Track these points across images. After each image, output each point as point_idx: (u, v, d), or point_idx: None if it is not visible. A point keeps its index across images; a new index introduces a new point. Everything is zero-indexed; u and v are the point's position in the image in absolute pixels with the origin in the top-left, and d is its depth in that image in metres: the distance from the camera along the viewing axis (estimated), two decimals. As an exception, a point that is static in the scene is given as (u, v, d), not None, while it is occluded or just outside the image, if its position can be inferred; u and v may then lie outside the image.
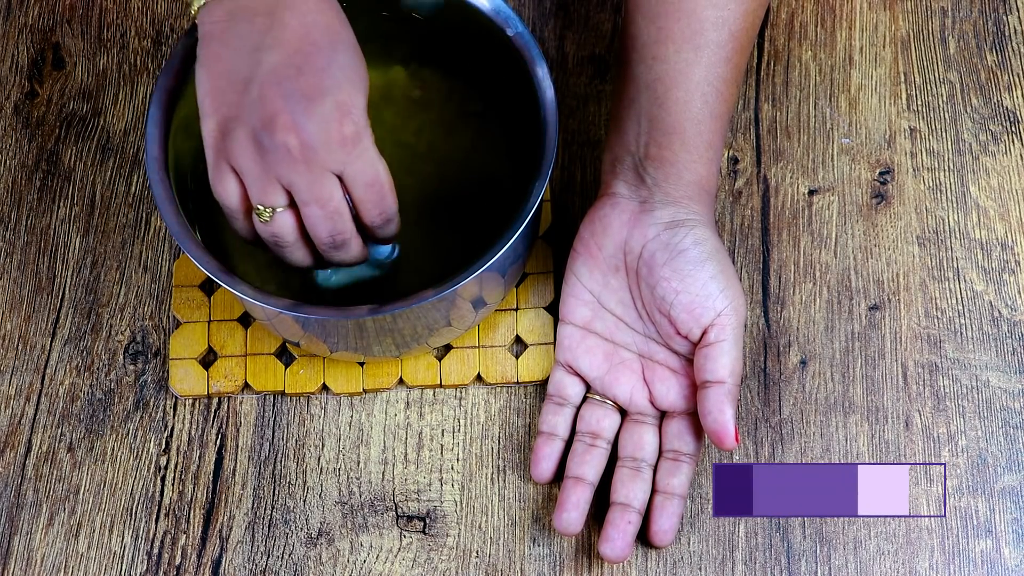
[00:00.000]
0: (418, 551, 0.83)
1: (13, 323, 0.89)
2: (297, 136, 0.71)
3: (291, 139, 0.71)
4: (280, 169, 0.72)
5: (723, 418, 0.78)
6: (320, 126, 0.71)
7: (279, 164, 0.72)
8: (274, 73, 0.71)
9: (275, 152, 0.71)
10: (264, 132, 0.71)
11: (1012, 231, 0.89)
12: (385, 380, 0.87)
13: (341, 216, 0.74)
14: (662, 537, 0.80)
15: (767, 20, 0.95)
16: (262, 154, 0.72)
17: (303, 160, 0.71)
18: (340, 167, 0.73)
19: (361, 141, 0.72)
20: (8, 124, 0.95)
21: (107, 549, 0.84)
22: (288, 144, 0.71)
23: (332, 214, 0.74)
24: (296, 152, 0.71)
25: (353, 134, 0.72)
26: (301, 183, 0.72)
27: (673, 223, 0.80)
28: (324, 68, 0.72)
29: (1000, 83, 0.93)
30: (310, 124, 0.71)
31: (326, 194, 0.73)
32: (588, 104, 0.94)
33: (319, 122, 0.71)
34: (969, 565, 0.82)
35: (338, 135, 0.71)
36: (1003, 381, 0.85)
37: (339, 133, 0.71)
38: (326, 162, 0.72)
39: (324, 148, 0.71)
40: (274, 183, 0.73)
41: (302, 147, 0.71)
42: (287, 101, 0.71)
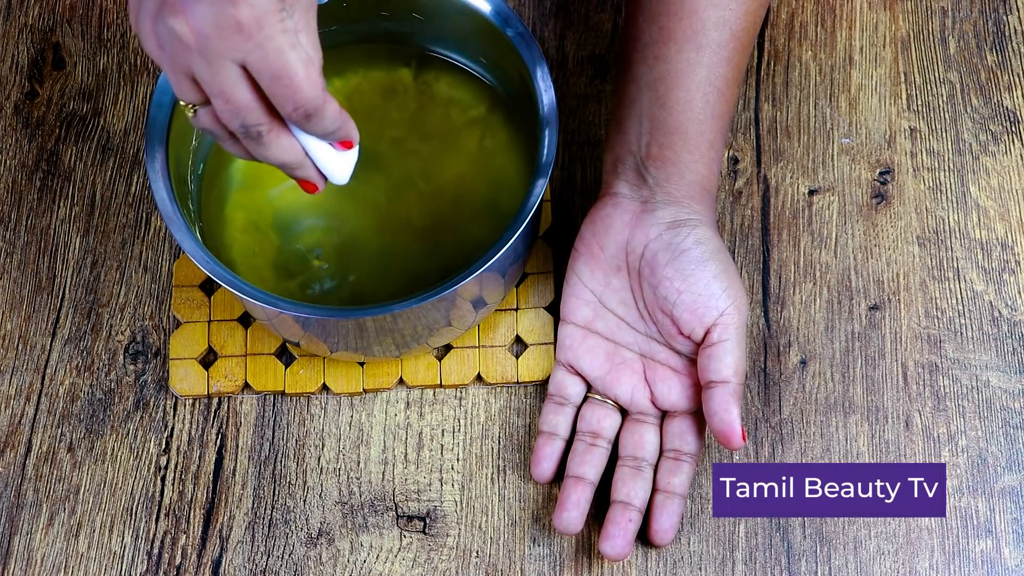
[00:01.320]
0: (418, 551, 0.83)
1: (13, 323, 0.89)
2: (187, 21, 0.63)
3: (180, 24, 0.64)
4: (180, 59, 0.65)
5: (729, 418, 0.78)
6: (210, 9, 0.63)
7: (177, 54, 0.65)
8: None
9: (171, 40, 0.64)
10: (159, 17, 0.64)
11: (1012, 231, 0.89)
12: (385, 380, 0.87)
13: (251, 109, 0.66)
14: (662, 536, 0.80)
15: (767, 20, 0.95)
16: (161, 44, 0.65)
17: (197, 49, 0.64)
18: (239, 56, 0.64)
19: (263, 27, 0.64)
20: (8, 124, 0.95)
21: (107, 549, 0.84)
22: (179, 31, 0.64)
23: (239, 109, 0.66)
24: (189, 40, 0.64)
25: (251, 18, 0.63)
26: (201, 74, 0.65)
27: (675, 223, 0.80)
28: None
29: (1000, 83, 0.93)
30: (199, 6, 0.63)
31: (228, 86, 0.65)
32: (588, 104, 0.94)
33: (210, 4, 0.63)
34: (969, 565, 0.82)
35: (232, 20, 0.63)
36: (1003, 381, 0.85)
37: (232, 17, 0.63)
38: (221, 51, 0.64)
39: (217, 35, 0.63)
40: (182, 76, 0.66)
41: (194, 34, 0.64)
42: None
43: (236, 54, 0.64)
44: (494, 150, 0.87)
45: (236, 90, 0.65)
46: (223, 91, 0.65)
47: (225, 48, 0.64)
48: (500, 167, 0.86)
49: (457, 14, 0.83)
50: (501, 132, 0.87)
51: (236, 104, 0.66)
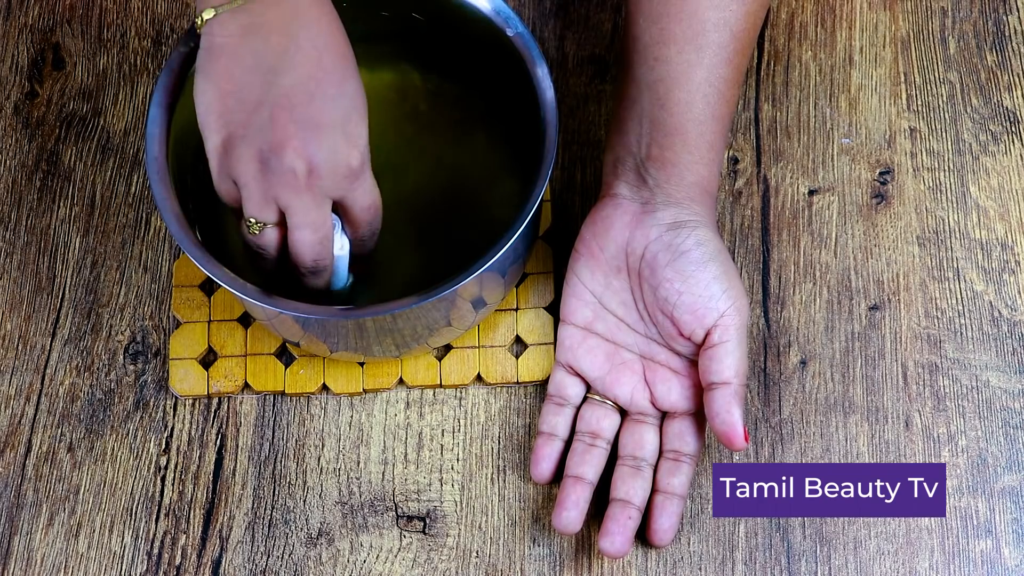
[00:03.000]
0: (418, 551, 0.83)
1: (13, 323, 0.89)
2: (307, 163, 0.72)
3: (300, 165, 0.72)
4: (280, 191, 0.73)
5: (731, 419, 0.78)
6: (329, 155, 0.72)
7: (281, 187, 0.73)
8: (287, 97, 0.71)
9: (281, 175, 0.72)
10: (272, 155, 0.72)
11: (1012, 231, 0.89)
12: (385, 380, 0.87)
13: (327, 243, 0.76)
14: (662, 536, 0.80)
15: (767, 20, 0.95)
16: (265, 174, 0.73)
17: (307, 187, 0.73)
18: (341, 195, 0.74)
19: (365, 169, 0.74)
20: (8, 124, 0.95)
21: (107, 549, 0.84)
22: (296, 169, 0.72)
23: (322, 240, 0.76)
24: (303, 178, 0.72)
25: (358, 164, 0.74)
26: (299, 208, 0.74)
27: (675, 224, 0.80)
28: (335, 96, 0.72)
29: (1000, 83, 0.93)
30: (320, 153, 0.72)
31: (320, 221, 0.75)
32: (588, 104, 0.94)
33: (328, 151, 0.72)
34: (969, 565, 0.82)
35: (345, 165, 0.73)
36: (1003, 381, 0.85)
37: (347, 163, 0.73)
38: (329, 190, 0.74)
39: (330, 177, 0.73)
40: (271, 202, 0.74)
41: (309, 174, 0.72)
42: (299, 127, 0.71)
43: (339, 193, 0.74)
44: (494, 150, 0.87)
45: (325, 224, 0.75)
46: (315, 224, 0.74)
47: (334, 189, 0.74)
48: (500, 168, 0.86)
49: (457, 14, 0.83)
50: (501, 132, 0.87)
51: (321, 236, 0.75)
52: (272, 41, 0.71)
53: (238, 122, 0.72)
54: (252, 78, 0.72)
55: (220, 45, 0.72)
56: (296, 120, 0.72)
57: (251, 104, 0.72)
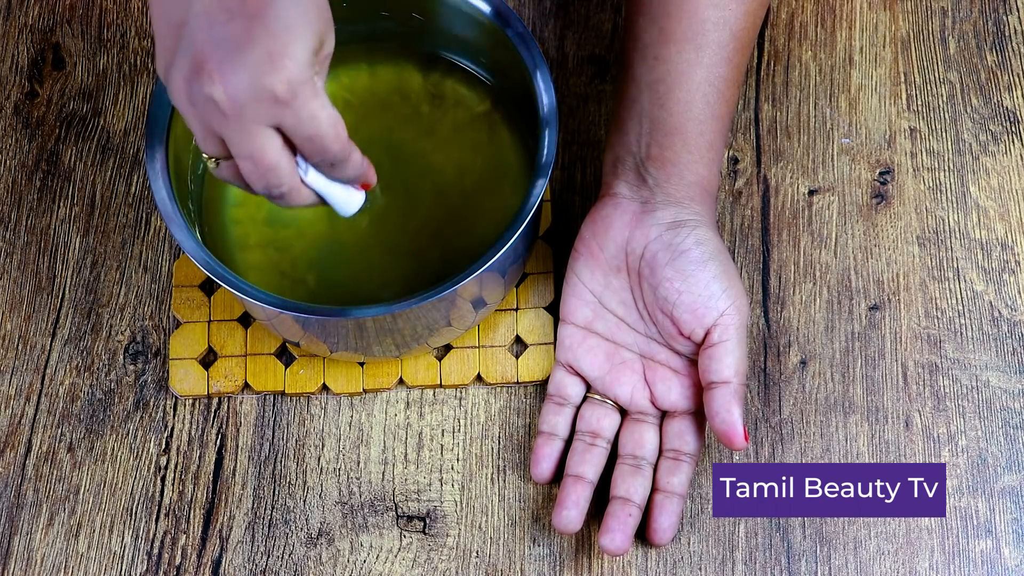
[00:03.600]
0: (418, 551, 0.83)
1: (13, 323, 0.89)
2: (223, 88, 0.64)
3: (216, 91, 0.64)
4: (210, 121, 0.66)
5: (731, 418, 0.78)
6: (247, 78, 0.64)
7: (208, 116, 0.66)
8: (205, 15, 0.64)
9: (203, 105, 0.65)
10: (193, 81, 0.65)
11: (1012, 231, 0.89)
12: (385, 380, 0.87)
13: (276, 171, 0.67)
14: (661, 536, 0.80)
15: (767, 20, 0.95)
16: (193, 103, 0.66)
17: (231, 114, 0.65)
18: (273, 121, 0.66)
19: (297, 95, 0.65)
20: (8, 124, 0.95)
21: (107, 549, 0.84)
22: (214, 96, 0.64)
23: (265, 170, 0.67)
24: (224, 105, 0.65)
25: (286, 88, 0.64)
26: (231, 137, 0.66)
27: (675, 223, 0.80)
28: (260, 10, 0.64)
29: (1000, 83, 0.93)
30: (235, 76, 0.64)
31: (256, 150, 0.66)
32: (588, 104, 0.94)
33: (247, 74, 0.64)
34: (969, 565, 0.82)
35: (267, 90, 0.64)
36: (1003, 381, 0.85)
37: (269, 88, 0.64)
38: (255, 117, 0.65)
39: (252, 103, 0.64)
40: (210, 134, 0.67)
41: (228, 101, 0.64)
42: (214, 48, 0.64)
43: (271, 120, 0.66)
44: (494, 150, 0.87)
45: (265, 153, 0.66)
46: (252, 154, 0.66)
47: (260, 115, 0.65)
48: (500, 167, 0.86)
49: (457, 14, 0.83)
50: (501, 132, 0.87)
51: (263, 166, 0.67)
52: None
53: (168, 48, 0.66)
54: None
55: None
56: (212, 40, 0.64)
57: (175, 27, 0.66)
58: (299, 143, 0.67)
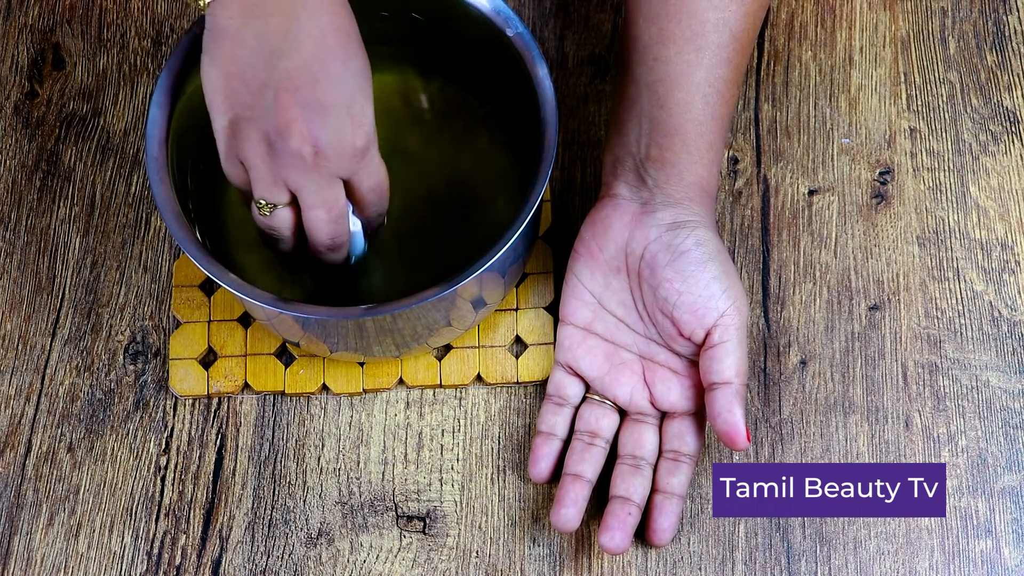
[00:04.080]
0: (418, 551, 0.83)
1: (13, 323, 0.89)
2: (312, 145, 0.72)
3: (306, 147, 0.72)
4: (290, 173, 0.74)
5: (733, 419, 0.78)
6: (334, 136, 0.72)
7: (290, 169, 0.73)
8: (290, 80, 0.71)
9: (288, 158, 0.73)
10: (278, 137, 0.72)
11: (1012, 231, 0.89)
12: (385, 380, 0.87)
13: (342, 221, 0.77)
14: (661, 536, 0.80)
15: (767, 20, 0.95)
16: (273, 157, 0.73)
17: (315, 167, 0.73)
18: (349, 174, 0.75)
19: (370, 148, 0.74)
20: (8, 124, 0.95)
21: (107, 549, 0.84)
22: (302, 152, 0.72)
23: (336, 218, 0.76)
24: (309, 160, 0.73)
25: (364, 144, 0.74)
26: (310, 188, 0.74)
27: (674, 224, 0.80)
28: (339, 77, 0.72)
29: (1000, 83, 0.93)
30: (325, 134, 0.72)
31: (332, 200, 0.75)
32: (588, 104, 0.94)
33: (333, 132, 0.72)
34: (969, 565, 0.82)
35: (351, 146, 0.73)
36: (1003, 381, 0.85)
37: (352, 144, 0.73)
38: (337, 170, 0.74)
39: (337, 157, 0.73)
40: (280, 184, 0.74)
41: (316, 155, 0.73)
42: (303, 109, 0.72)
43: (347, 173, 0.75)
44: (494, 150, 0.87)
45: (337, 203, 0.76)
46: (327, 203, 0.75)
47: (341, 168, 0.74)
48: (500, 168, 0.86)
49: (457, 14, 0.83)
50: (501, 132, 0.87)
51: (335, 214, 0.76)
52: (274, 22, 0.71)
53: (244, 104, 0.73)
54: (255, 60, 0.72)
55: (223, 27, 0.72)
56: (300, 102, 0.72)
57: (256, 87, 0.72)
58: (364, 194, 0.77)
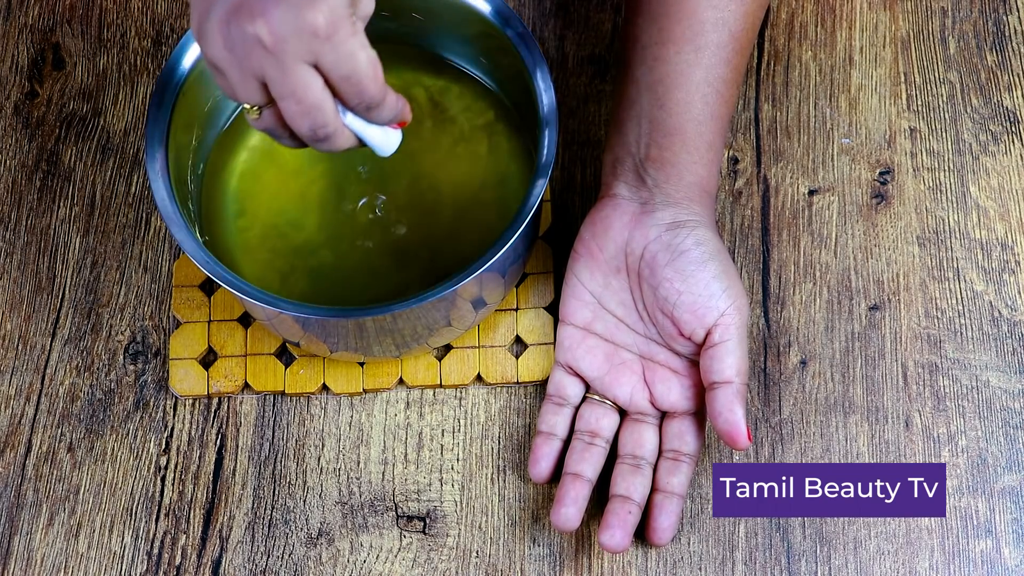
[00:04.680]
0: (418, 551, 0.83)
1: (13, 323, 0.89)
2: (265, 24, 0.65)
3: (259, 27, 0.65)
4: (252, 62, 0.67)
5: (734, 418, 0.78)
6: (289, 13, 0.65)
7: (249, 56, 0.66)
8: None
9: (244, 43, 0.66)
10: (232, 21, 0.66)
11: (1012, 231, 0.89)
12: (385, 380, 0.87)
13: (320, 109, 0.68)
14: (661, 536, 0.80)
15: (767, 20, 0.95)
16: (232, 47, 0.66)
17: (273, 51, 0.66)
18: (313, 58, 0.67)
19: (337, 31, 0.66)
20: (8, 124, 0.95)
21: (107, 549, 0.84)
22: (257, 33, 0.65)
23: (309, 108, 0.68)
24: (266, 42, 0.66)
25: (326, 23, 0.65)
26: (274, 75, 0.67)
27: (674, 224, 0.80)
28: None
29: (1000, 83, 0.93)
30: (277, 11, 0.65)
31: (300, 87, 0.67)
32: (588, 104, 0.94)
33: (288, 8, 0.65)
34: (969, 565, 0.82)
35: (309, 24, 0.65)
36: (1003, 381, 0.85)
37: (310, 22, 0.65)
38: (297, 53, 0.66)
39: (294, 38, 0.65)
40: (249, 78, 0.68)
41: (271, 36, 0.65)
42: None
43: (311, 56, 0.66)
44: (494, 150, 0.87)
45: (308, 90, 0.67)
46: (295, 92, 0.67)
47: (302, 51, 0.66)
48: (500, 167, 0.86)
49: (457, 14, 0.83)
50: (501, 132, 0.87)
51: (307, 104, 0.68)
52: None
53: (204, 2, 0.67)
54: None
55: None
56: None
57: None
58: (337, 82, 0.68)
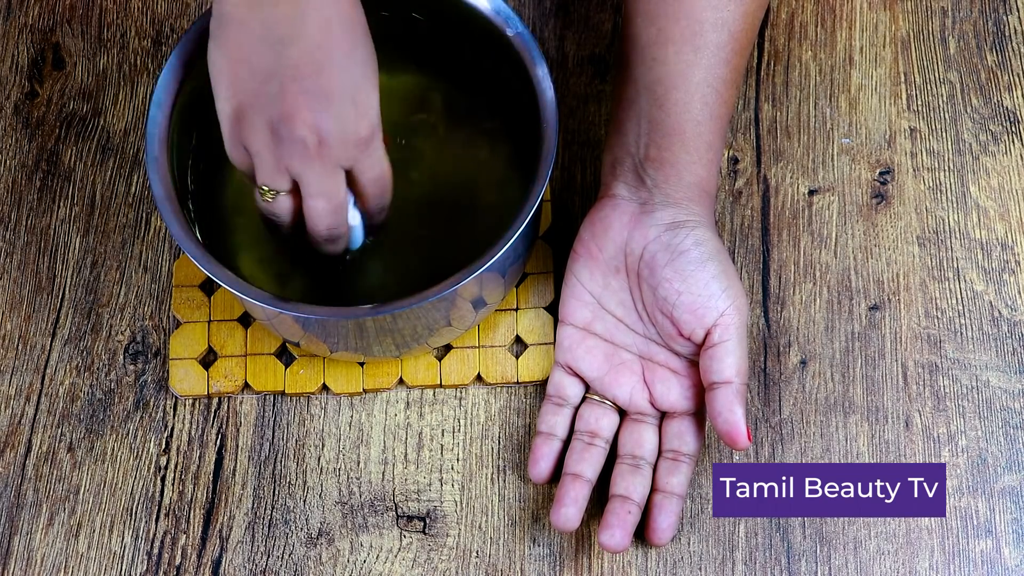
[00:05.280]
0: (418, 551, 0.83)
1: (13, 323, 0.89)
2: (316, 133, 0.72)
3: (309, 135, 0.72)
4: (292, 160, 0.74)
5: (734, 418, 0.78)
6: (338, 125, 0.73)
7: (292, 156, 0.74)
8: (295, 68, 0.72)
9: (291, 145, 0.73)
10: (282, 125, 0.72)
11: (1012, 231, 0.89)
12: (385, 380, 0.87)
13: (342, 211, 0.77)
14: (660, 535, 0.80)
15: (767, 20, 0.95)
16: (277, 144, 0.73)
17: (318, 156, 0.73)
18: (351, 164, 0.75)
19: (374, 139, 0.75)
20: (8, 124, 0.95)
21: (107, 549, 0.84)
22: (306, 140, 0.73)
23: (336, 208, 0.76)
24: (312, 148, 0.73)
25: (368, 134, 0.74)
26: (312, 177, 0.74)
27: (674, 224, 0.80)
28: (344, 65, 0.72)
29: (1000, 83, 0.93)
30: (328, 123, 0.72)
31: (333, 190, 0.75)
32: (588, 104, 0.94)
33: (337, 121, 0.73)
34: (969, 565, 0.82)
35: (354, 135, 0.73)
36: (1003, 381, 0.85)
37: (355, 133, 0.73)
38: (339, 159, 0.74)
39: (340, 146, 0.73)
40: (283, 171, 0.75)
41: (319, 144, 0.73)
42: (307, 97, 0.72)
43: (349, 162, 0.75)
44: (494, 150, 0.87)
45: (339, 191, 0.76)
46: (328, 193, 0.75)
47: (344, 157, 0.74)
48: (499, 167, 0.86)
49: (457, 14, 0.83)
50: (501, 132, 0.87)
51: (335, 204, 0.76)
52: (280, 10, 0.71)
53: (249, 91, 0.73)
54: (261, 48, 0.72)
55: (230, 14, 0.72)
56: (305, 90, 0.72)
57: (261, 74, 0.72)
58: (366, 184, 0.76)
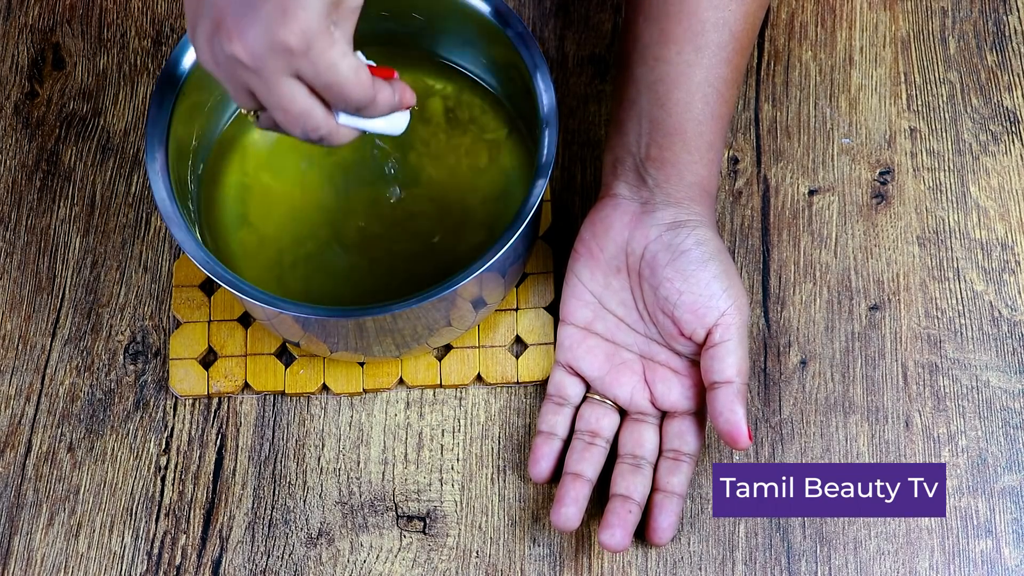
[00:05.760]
0: (418, 551, 0.83)
1: (13, 323, 0.89)
2: (241, 44, 0.66)
3: (236, 47, 0.66)
4: (237, 76, 0.68)
5: (735, 418, 0.78)
6: (261, 32, 0.65)
7: (234, 72, 0.67)
8: None
9: (228, 61, 0.67)
10: (214, 40, 0.67)
11: (1012, 231, 0.89)
12: (385, 380, 0.87)
13: (309, 115, 0.69)
14: (661, 535, 0.80)
15: (767, 20, 0.95)
16: (217, 62, 0.68)
17: (253, 68, 0.66)
18: (292, 71, 0.67)
19: (312, 45, 0.66)
20: (8, 124, 0.95)
21: (107, 549, 0.84)
22: (235, 52, 0.66)
23: (298, 116, 0.68)
24: (244, 60, 0.66)
25: (299, 40, 0.65)
26: (258, 89, 0.68)
27: (675, 224, 0.80)
28: None
29: (1000, 83, 0.93)
30: (250, 31, 0.65)
31: (286, 99, 0.68)
32: (588, 104, 0.94)
33: (261, 28, 0.65)
34: (969, 565, 0.82)
35: (281, 43, 0.65)
36: (1003, 381, 0.85)
37: (282, 42, 0.65)
38: (276, 68, 0.66)
39: (270, 56, 0.66)
40: (240, 89, 0.69)
41: (247, 55, 0.66)
42: (230, 6, 0.66)
43: (290, 70, 0.67)
44: (494, 150, 0.87)
45: (293, 101, 0.68)
46: (281, 103, 0.68)
47: (280, 66, 0.66)
48: (500, 167, 0.86)
49: (457, 14, 0.83)
50: (501, 132, 0.87)
51: (294, 113, 0.68)
52: None
53: (193, 11, 0.68)
54: None
55: None
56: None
57: None
58: (320, 91, 0.68)
